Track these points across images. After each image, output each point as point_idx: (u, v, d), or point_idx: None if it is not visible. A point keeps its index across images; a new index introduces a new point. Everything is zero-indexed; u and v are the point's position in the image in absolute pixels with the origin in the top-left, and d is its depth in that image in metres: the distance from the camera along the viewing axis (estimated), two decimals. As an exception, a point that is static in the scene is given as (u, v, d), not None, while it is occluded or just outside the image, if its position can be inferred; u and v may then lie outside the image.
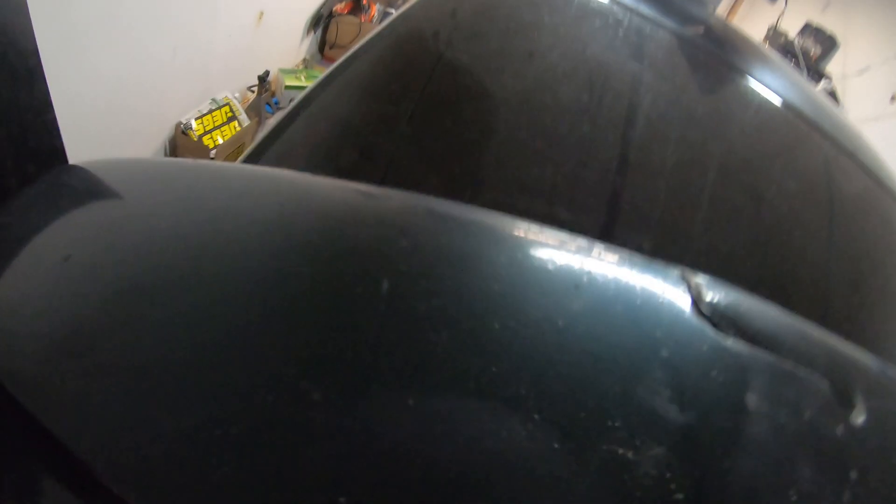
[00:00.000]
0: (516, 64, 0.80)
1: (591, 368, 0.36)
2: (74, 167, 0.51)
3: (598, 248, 0.43)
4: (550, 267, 0.40)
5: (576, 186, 0.72)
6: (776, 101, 0.91)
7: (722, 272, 0.74)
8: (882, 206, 0.92)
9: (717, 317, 0.40)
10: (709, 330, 0.39)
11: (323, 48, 4.00)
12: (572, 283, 0.39)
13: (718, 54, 0.96)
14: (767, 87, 0.92)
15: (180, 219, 0.43)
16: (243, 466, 0.30)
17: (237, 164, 0.62)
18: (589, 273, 0.40)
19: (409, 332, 0.35)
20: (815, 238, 0.80)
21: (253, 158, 0.75)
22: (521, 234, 0.43)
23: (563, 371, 0.35)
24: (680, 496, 0.32)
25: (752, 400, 0.37)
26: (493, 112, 0.75)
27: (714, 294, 0.42)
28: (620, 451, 0.33)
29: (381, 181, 0.69)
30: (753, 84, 0.92)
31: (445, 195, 0.70)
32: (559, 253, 0.41)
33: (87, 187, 0.49)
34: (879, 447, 0.40)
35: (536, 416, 0.33)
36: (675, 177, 0.75)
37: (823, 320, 0.74)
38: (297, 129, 0.78)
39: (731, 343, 0.39)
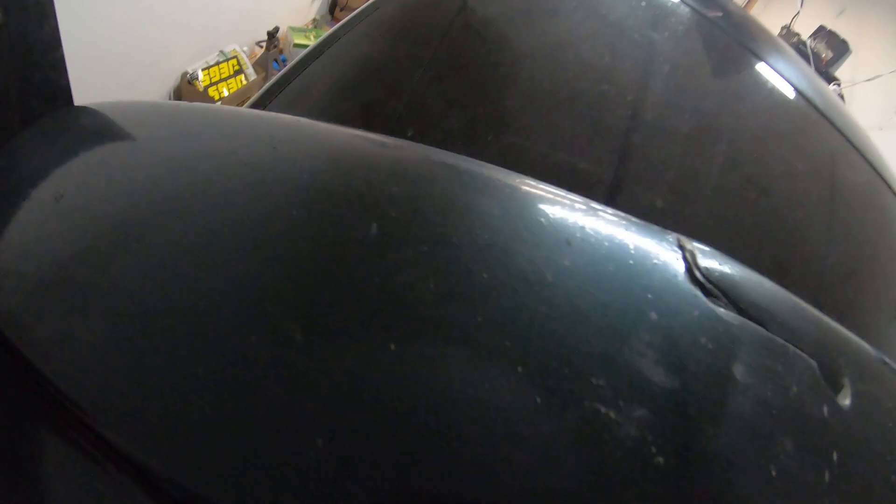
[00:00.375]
0: (539, 20, 0.81)
1: (578, 325, 0.35)
2: (75, 108, 0.50)
3: (596, 207, 0.42)
4: (543, 220, 0.40)
5: (594, 139, 0.72)
6: (788, 87, 0.92)
7: (725, 239, 0.76)
8: (883, 199, 0.94)
9: (710, 284, 0.39)
10: (701, 296, 0.39)
11: (333, 9, 3.94)
12: (564, 238, 0.39)
13: (736, 37, 0.97)
14: (780, 74, 0.93)
15: (175, 160, 0.42)
16: (224, 406, 0.30)
17: (244, 110, 0.62)
18: (582, 229, 0.40)
19: (395, 278, 0.35)
20: (816, 219, 0.81)
21: (277, 89, 0.75)
22: (518, 187, 0.42)
23: (549, 325, 0.35)
24: (660, 460, 0.32)
25: (739, 370, 0.36)
26: (516, 61, 0.75)
27: (709, 262, 0.41)
28: (603, 409, 0.32)
29: (403, 117, 0.70)
30: (767, 69, 0.93)
31: (466, 136, 0.72)
32: (553, 208, 0.41)
33: (86, 130, 0.48)
34: (863, 431, 0.40)
35: (520, 369, 0.33)
36: (688, 143, 0.76)
37: (817, 300, 0.75)
38: (322, 65, 0.78)
39: (723, 312, 0.38)
